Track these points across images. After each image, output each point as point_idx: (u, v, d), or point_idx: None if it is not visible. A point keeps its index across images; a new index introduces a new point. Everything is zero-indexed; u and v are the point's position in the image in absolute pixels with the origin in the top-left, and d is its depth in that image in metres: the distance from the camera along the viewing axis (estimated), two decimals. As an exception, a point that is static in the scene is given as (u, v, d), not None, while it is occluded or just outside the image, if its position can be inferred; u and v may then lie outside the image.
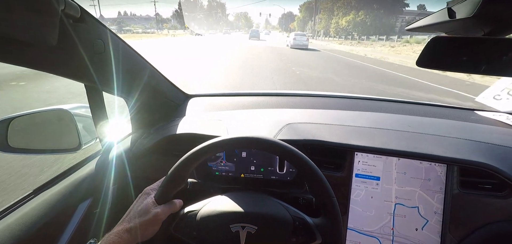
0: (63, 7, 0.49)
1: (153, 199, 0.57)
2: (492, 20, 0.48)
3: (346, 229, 0.78)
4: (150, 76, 0.89)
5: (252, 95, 1.27)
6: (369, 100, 1.26)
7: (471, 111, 1.15)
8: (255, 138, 0.58)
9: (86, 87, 0.75)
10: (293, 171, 0.83)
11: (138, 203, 0.57)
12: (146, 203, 0.56)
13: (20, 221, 0.59)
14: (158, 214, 0.55)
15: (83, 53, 0.60)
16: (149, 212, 0.55)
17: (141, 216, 0.54)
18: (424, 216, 0.73)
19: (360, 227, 0.77)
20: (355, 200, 0.77)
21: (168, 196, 0.57)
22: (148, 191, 0.60)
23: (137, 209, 0.55)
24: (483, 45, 0.50)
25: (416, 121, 0.95)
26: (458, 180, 0.72)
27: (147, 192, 0.59)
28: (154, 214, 0.54)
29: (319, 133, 0.83)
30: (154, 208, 0.55)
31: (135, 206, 0.57)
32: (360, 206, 0.77)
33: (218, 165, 0.86)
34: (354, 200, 0.77)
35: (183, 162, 0.57)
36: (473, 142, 0.79)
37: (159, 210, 0.55)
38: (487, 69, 0.50)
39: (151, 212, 0.55)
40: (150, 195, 0.58)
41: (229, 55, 13.10)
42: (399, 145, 0.76)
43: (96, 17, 0.61)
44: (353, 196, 0.78)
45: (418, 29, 0.62)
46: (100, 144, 0.85)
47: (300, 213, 0.58)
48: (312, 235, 0.55)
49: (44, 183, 0.71)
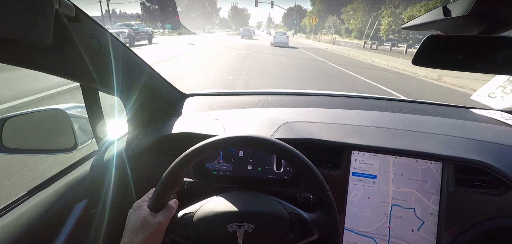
0: (58, 6, 0.48)
1: (148, 210, 0.55)
2: (487, 18, 0.49)
3: (343, 229, 0.78)
4: (146, 75, 0.89)
5: (249, 95, 1.26)
6: (366, 99, 1.26)
7: (466, 109, 1.16)
8: (249, 136, 0.58)
9: (81, 87, 0.74)
10: (290, 170, 0.84)
11: (134, 220, 0.54)
12: (143, 216, 0.54)
13: (15, 222, 0.58)
14: (161, 223, 0.54)
15: (78, 52, 0.59)
16: (150, 223, 0.53)
17: (143, 230, 0.52)
18: (420, 217, 0.74)
19: (356, 227, 0.77)
20: (352, 200, 0.78)
21: (163, 202, 0.57)
22: (140, 203, 0.57)
23: (136, 225, 0.53)
24: (477, 44, 0.51)
25: (412, 119, 0.96)
26: (454, 177, 0.73)
27: (139, 205, 0.57)
28: (157, 224, 0.53)
29: (316, 131, 0.83)
30: (154, 218, 0.54)
31: (131, 223, 0.54)
32: (357, 207, 0.77)
33: (215, 164, 0.86)
34: (351, 201, 0.78)
35: (176, 165, 0.57)
36: (468, 139, 0.80)
37: (161, 218, 0.54)
38: (482, 67, 0.51)
39: (153, 222, 0.53)
40: (142, 207, 0.56)
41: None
42: (395, 143, 0.77)
43: (91, 17, 0.61)
44: (350, 196, 0.78)
45: (413, 28, 0.62)
46: (96, 144, 0.85)
47: (297, 209, 0.58)
48: (309, 230, 0.55)
49: (40, 184, 0.71)
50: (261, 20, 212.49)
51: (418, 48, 0.53)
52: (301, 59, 12.59)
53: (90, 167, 0.79)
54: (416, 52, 0.54)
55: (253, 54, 14.13)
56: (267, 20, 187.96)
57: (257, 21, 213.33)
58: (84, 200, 0.73)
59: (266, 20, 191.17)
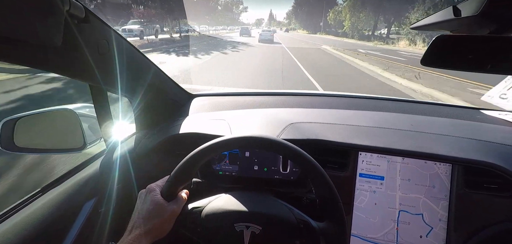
0: (68, 8, 0.49)
1: (160, 197, 0.56)
2: (498, 18, 0.48)
3: (350, 235, 0.77)
4: (154, 76, 0.90)
5: (255, 95, 1.27)
6: (373, 99, 1.25)
7: (477, 110, 1.13)
8: (263, 138, 0.58)
9: (90, 87, 0.75)
10: (297, 170, 0.83)
11: (147, 202, 0.55)
12: (156, 200, 0.55)
13: (26, 220, 0.60)
14: (174, 210, 0.55)
15: (87, 53, 0.60)
16: (164, 210, 0.54)
17: (156, 216, 0.53)
18: (429, 223, 0.73)
19: (364, 233, 0.77)
20: (358, 206, 0.77)
21: (175, 192, 0.58)
22: (153, 187, 0.58)
23: (149, 209, 0.54)
24: (488, 44, 0.50)
25: (420, 120, 0.95)
26: (463, 179, 0.71)
27: (152, 188, 0.57)
28: (171, 211, 0.54)
29: (323, 132, 0.83)
30: (168, 205, 0.55)
31: (143, 206, 0.55)
32: (364, 213, 0.77)
33: (221, 165, 0.87)
34: (357, 206, 0.77)
35: (190, 159, 0.58)
36: (478, 141, 0.78)
37: (175, 206, 0.55)
38: (493, 68, 0.50)
39: (167, 209, 0.54)
40: (156, 191, 0.57)
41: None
42: (403, 144, 0.76)
43: (100, 18, 0.62)
44: (356, 202, 0.77)
45: (423, 28, 0.61)
46: (105, 144, 0.86)
47: (305, 216, 0.57)
48: (316, 239, 0.55)
49: (49, 183, 0.72)
50: (262, 18, 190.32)
51: (427, 48, 0.53)
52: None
53: (99, 167, 0.80)
54: (425, 52, 0.53)
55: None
56: (268, 17, 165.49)
57: (256, 18, 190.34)
58: (93, 199, 0.74)
59: (268, 17, 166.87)
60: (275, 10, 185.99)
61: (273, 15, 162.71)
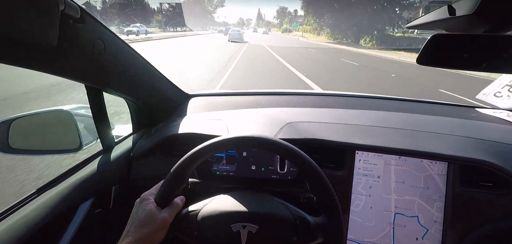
0: (63, 8, 0.49)
1: (154, 204, 0.55)
2: (493, 17, 0.48)
3: (347, 240, 0.78)
4: (150, 76, 0.89)
5: (252, 95, 1.26)
6: (370, 98, 1.26)
7: (472, 108, 1.14)
8: (257, 137, 0.58)
9: (86, 87, 0.75)
10: (294, 170, 0.83)
11: (139, 211, 0.55)
12: (148, 209, 0.54)
13: (21, 221, 0.59)
14: (165, 219, 0.54)
15: (83, 53, 0.60)
16: (155, 218, 0.53)
17: (147, 224, 0.52)
18: (424, 225, 0.73)
19: (360, 238, 0.77)
20: (354, 211, 0.77)
21: (169, 198, 0.57)
22: (147, 196, 0.57)
23: (141, 217, 0.53)
24: (483, 42, 0.50)
25: (416, 119, 0.95)
26: (459, 178, 0.72)
27: (146, 197, 0.57)
28: (161, 219, 0.53)
29: (320, 131, 0.83)
30: (159, 213, 0.54)
31: (136, 214, 0.54)
32: (360, 217, 0.77)
33: (219, 165, 0.86)
34: (353, 211, 0.77)
35: (183, 162, 0.57)
36: (474, 139, 0.79)
37: (166, 215, 0.54)
38: (488, 66, 0.50)
39: (158, 217, 0.53)
40: (149, 199, 0.56)
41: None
42: (400, 143, 0.76)
43: (96, 18, 0.61)
44: (352, 206, 0.77)
45: (418, 27, 0.62)
46: (101, 144, 0.86)
47: (301, 212, 0.58)
48: (313, 234, 0.55)
49: (45, 184, 0.71)
50: (250, 18, 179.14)
51: (422, 47, 0.53)
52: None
53: (95, 167, 0.79)
54: (421, 51, 0.53)
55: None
56: (256, 17, 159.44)
57: (240, 17, 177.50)
58: (89, 200, 0.74)
59: (256, 16, 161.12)
60: (264, 9, 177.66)
61: (262, 14, 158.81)
